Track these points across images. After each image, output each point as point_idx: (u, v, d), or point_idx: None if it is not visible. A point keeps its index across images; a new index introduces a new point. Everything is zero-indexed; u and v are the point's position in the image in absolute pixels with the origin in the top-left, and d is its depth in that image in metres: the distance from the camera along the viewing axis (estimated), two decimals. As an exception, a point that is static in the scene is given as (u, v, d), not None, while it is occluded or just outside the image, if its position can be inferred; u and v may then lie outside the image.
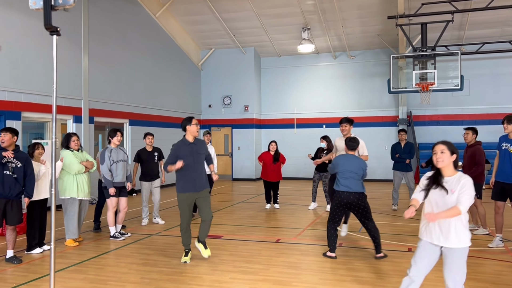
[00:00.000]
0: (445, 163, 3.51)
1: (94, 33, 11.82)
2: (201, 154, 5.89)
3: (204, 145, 6.04)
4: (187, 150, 5.73)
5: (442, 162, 3.51)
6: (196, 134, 5.87)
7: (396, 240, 7.03)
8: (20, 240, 6.82)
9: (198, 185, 5.77)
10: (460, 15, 13.61)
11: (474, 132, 7.58)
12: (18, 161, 5.83)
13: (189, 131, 5.83)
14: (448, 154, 3.50)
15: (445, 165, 3.53)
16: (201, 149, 5.91)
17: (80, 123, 11.28)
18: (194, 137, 5.87)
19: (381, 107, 16.64)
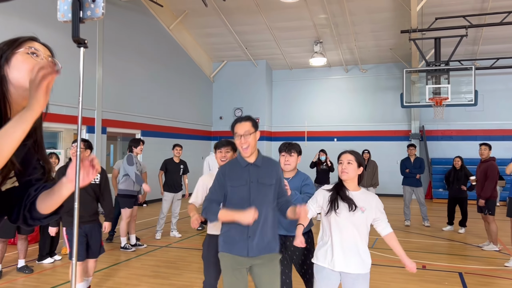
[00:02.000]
0: (350, 176, 3.11)
1: (109, 44, 11.95)
2: (267, 184, 3.05)
3: (274, 169, 3.15)
4: (240, 175, 3.07)
5: (347, 174, 3.10)
6: (244, 148, 3.09)
7: (409, 256, 6.83)
8: (32, 250, 6.82)
9: (255, 245, 3.00)
10: (474, 30, 13.54)
11: (490, 148, 7.59)
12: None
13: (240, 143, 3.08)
14: (355, 165, 3.11)
15: (350, 178, 3.12)
16: (267, 175, 3.08)
17: (92, 133, 11.34)
18: (255, 153, 3.11)
19: (394, 121, 16.54)
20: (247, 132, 3.01)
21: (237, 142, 3.05)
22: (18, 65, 1.35)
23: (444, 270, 6.18)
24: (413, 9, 11.78)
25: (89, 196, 4.48)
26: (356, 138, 16.57)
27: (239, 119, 3.11)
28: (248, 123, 3.07)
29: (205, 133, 17.56)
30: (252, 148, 3.05)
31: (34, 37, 1.43)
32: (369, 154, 10.69)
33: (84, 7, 1.44)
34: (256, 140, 3.09)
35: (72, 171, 1.51)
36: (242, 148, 3.06)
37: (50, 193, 1.50)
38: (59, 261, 6.40)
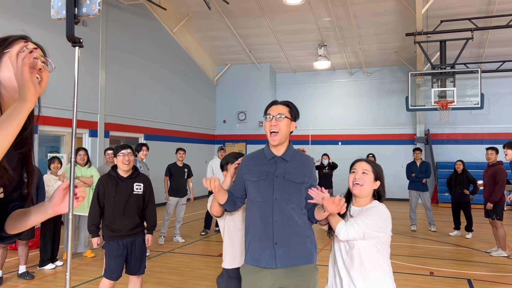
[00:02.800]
0: (364, 190, 2.48)
1: (112, 48, 11.91)
2: (295, 182, 2.60)
3: (308, 166, 2.69)
4: (262, 168, 2.65)
5: (360, 187, 2.48)
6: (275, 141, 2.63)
7: (416, 263, 6.78)
8: (33, 255, 6.74)
9: (283, 254, 2.54)
10: (480, 33, 13.43)
11: (497, 152, 7.49)
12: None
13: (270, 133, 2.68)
14: (371, 178, 2.51)
15: (363, 194, 2.50)
16: (298, 172, 2.63)
17: (95, 137, 11.28)
18: (285, 146, 2.69)
19: (398, 125, 16.41)
20: (281, 115, 2.59)
21: (266, 125, 2.62)
22: (9, 65, 1.26)
23: (452, 276, 6.06)
24: (418, 11, 11.69)
25: (130, 208, 4.00)
26: (360, 142, 16.46)
27: (276, 101, 2.73)
28: (285, 107, 2.66)
29: (209, 137, 17.49)
30: (282, 136, 2.58)
31: (25, 35, 1.35)
32: (374, 157, 10.59)
33: (79, 4, 1.34)
34: (289, 130, 2.63)
35: (58, 195, 1.44)
36: (270, 134, 2.58)
37: (25, 214, 1.42)
38: (60, 267, 6.32)
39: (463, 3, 12.37)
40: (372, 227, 2.39)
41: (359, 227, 2.39)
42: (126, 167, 4.01)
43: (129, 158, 4.01)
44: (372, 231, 2.40)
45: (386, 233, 2.46)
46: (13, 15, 9.08)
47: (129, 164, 4.01)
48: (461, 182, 8.97)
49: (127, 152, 4.02)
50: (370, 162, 2.61)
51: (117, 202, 3.97)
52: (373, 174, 2.53)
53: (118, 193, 3.98)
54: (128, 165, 4.00)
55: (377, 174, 2.54)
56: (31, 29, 9.49)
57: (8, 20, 8.92)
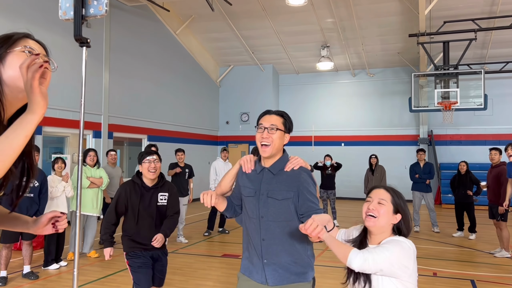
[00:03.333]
0: (380, 223, 2.07)
1: (115, 49, 11.96)
2: (277, 199, 2.43)
3: (295, 179, 2.46)
4: (252, 182, 2.53)
5: (375, 220, 2.07)
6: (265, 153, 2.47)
7: (419, 263, 6.72)
8: (37, 256, 6.77)
9: (272, 272, 2.44)
10: (483, 34, 13.41)
11: (501, 153, 7.52)
12: (35, 180, 5.76)
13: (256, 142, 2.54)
14: (390, 209, 2.09)
15: (378, 227, 2.09)
16: (282, 187, 2.45)
17: (99, 138, 11.33)
18: (276, 158, 2.52)
19: (401, 126, 16.39)
20: (274, 127, 2.42)
21: (257, 136, 2.44)
22: (13, 64, 1.28)
23: (455, 277, 6.06)
24: (421, 12, 11.68)
25: (156, 221, 3.67)
26: (363, 143, 16.45)
27: (269, 111, 2.53)
28: (279, 118, 2.47)
29: (212, 138, 17.52)
30: (274, 149, 2.42)
31: (28, 34, 1.36)
32: (377, 159, 10.59)
33: (86, 5, 1.36)
34: (282, 142, 2.47)
35: (43, 221, 1.50)
36: (260, 145, 2.42)
37: (15, 220, 1.48)
38: (64, 267, 6.35)
39: (466, 4, 12.35)
40: (390, 260, 1.98)
41: (377, 256, 1.98)
42: (152, 175, 3.63)
43: (155, 165, 3.62)
44: (390, 265, 1.98)
45: (409, 273, 2.02)
46: (17, 16, 9.13)
47: (156, 172, 3.63)
48: (464, 183, 8.96)
49: (153, 159, 3.61)
50: (390, 189, 2.17)
51: (142, 214, 3.63)
52: (391, 205, 2.09)
53: (142, 204, 3.63)
54: (154, 173, 3.62)
55: (397, 205, 2.11)
56: (35, 30, 9.55)
57: (12, 21, 8.98)
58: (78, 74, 10.34)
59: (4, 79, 1.28)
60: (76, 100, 10.37)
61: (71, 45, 10.00)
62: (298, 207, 2.39)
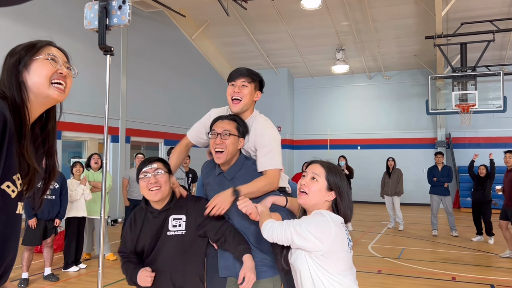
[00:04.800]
0: (311, 200, 1.95)
1: (133, 54, 12.12)
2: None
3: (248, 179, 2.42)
4: (212, 186, 2.60)
5: (306, 197, 1.96)
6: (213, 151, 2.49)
7: (438, 268, 6.70)
8: (57, 258, 6.89)
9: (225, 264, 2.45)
10: (502, 35, 13.22)
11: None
12: (55, 182, 5.87)
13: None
14: (323, 185, 1.95)
15: (309, 203, 1.97)
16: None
17: (117, 142, 11.48)
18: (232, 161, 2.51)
19: (419, 129, 16.23)
20: (227, 132, 2.41)
21: (211, 142, 2.44)
22: (38, 71, 1.35)
23: (475, 282, 5.97)
24: (438, 14, 11.57)
25: (168, 258, 2.38)
26: (380, 146, 16.33)
27: (221, 117, 2.55)
28: (231, 123, 2.47)
29: (227, 142, 17.57)
30: (228, 155, 2.39)
31: (51, 41, 1.43)
32: (394, 162, 10.50)
33: (110, 15, 1.41)
34: (236, 147, 2.43)
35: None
36: (214, 153, 2.40)
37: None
38: (84, 269, 6.44)
39: (484, 5, 12.20)
40: (301, 230, 1.88)
41: (288, 226, 1.93)
42: (155, 196, 2.32)
43: (157, 179, 2.32)
44: (300, 236, 1.88)
45: (322, 248, 1.87)
46: (37, 24, 9.33)
47: (160, 189, 2.32)
48: (482, 184, 8.88)
49: (152, 169, 2.34)
50: (325, 164, 2.02)
51: (147, 248, 2.40)
52: (325, 181, 1.95)
53: (145, 235, 2.41)
54: (157, 191, 2.31)
55: (331, 182, 1.95)
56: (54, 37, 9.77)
57: (32, 28, 9.18)
58: (96, 80, 10.52)
59: (29, 85, 1.34)
60: (94, 105, 10.55)
61: (89, 52, 10.19)
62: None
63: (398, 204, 10.27)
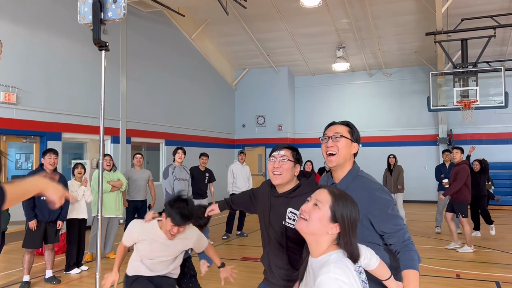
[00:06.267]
0: (308, 228, 1.73)
1: (132, 55, 12.08)
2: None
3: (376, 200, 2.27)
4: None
5: (304, 223, 1.75)
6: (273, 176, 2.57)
7: (442, 265, 6.65)
8: (58, 260, 6.85)
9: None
10: (502, 30, 13.14)
11: (462, 152, 7.84)
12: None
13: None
14: (325, 213, 1.72)
15: (307, 231, 1.75)
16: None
17: (117, 143, 11.44)
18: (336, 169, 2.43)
19: (420, 126, 16.17)
20: (338, 134, 2.38)
21: (323, 147, 2.43)
22: None
23: (479, 279, 5.92)
24: (438, 10, 11.51)
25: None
26: (381, 144, 16.27)
27: (334, 122, 2.54)
28: (344, 127, 2.45)
29: (228, 141, 17.55)
30: (340, 158, 2.35)
31: None
32: (395, 159, 10.45)
33: (105, 8, 1.36)
34: (349, 151, 2.38)
35: None
36: (326, 156, 2.39)
37: None
38: (85, 271, 6.40)
39: (484, 0, 12.13)
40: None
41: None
42: (275, 180, 2.57)
43: (280, 165, 2.54)
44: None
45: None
46: (36, 23, 9.29)
47: (281, 175, 2.55)
48: (477, 179, 8.95)
49: (279, 155, 2.57)
50: (336, 192, 1.79)
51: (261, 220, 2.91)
52: (329, 211, 1.73)
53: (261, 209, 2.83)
54: (278, 176, 2.55)
55: (338, 214, 1.73)
56: (54, 37, 9.71)
57: (31, 28, 9.14)
58: (96, 81, 10.48)
59: None
60: (94, 106, 10.51)
61: (89, 52, 10.15)
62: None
63: (401, 201, 10.22)
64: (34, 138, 9.28)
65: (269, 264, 2.64)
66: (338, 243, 1.72)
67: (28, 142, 9.32)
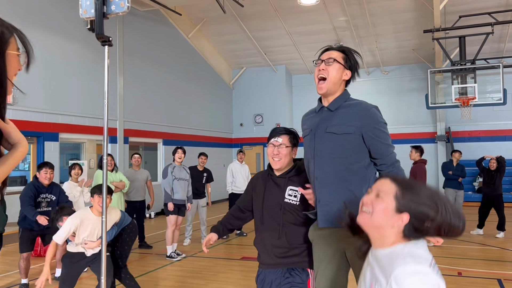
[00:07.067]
0: (372, 222, 1.59)
1: (129, 54, 12.01)
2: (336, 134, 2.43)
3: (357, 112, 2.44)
4: (308, 123, 2.69)
5: (367, 216, 1.61)
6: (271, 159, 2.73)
7: (443, 263, 6.62)
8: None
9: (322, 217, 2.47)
10: (500, 27, 13.15)
11: (417, 150, 7.92)
12: (52, 195, 5.75)
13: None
14: (390, 204, 1.57)
15: (371, 224, 1.61)
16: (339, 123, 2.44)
17: (115, 143, 11.37)
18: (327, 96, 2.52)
19: (418, 123, 16.16)
20: (331, 59, 2.42)
21: (315, 71, 2.48)
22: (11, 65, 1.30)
23: (481, 277, 5.90)
24: (436, 8, 11.49)
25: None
26: (379, 142, 16.24)
27: (330, 47, 2.54)
28: (338, 52, 2.47)
29: (226, 141, 17.50)
30: (330, 83, 2.43)
31: (14, 28, 1.30)
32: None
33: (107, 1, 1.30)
34: (340, 76, 2.45)
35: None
36: (317, 81, 2.46)
37: None
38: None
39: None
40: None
41: None
42: (275, 165, 2.74)
43: (279, 151, 2.72)
44: None
45: None
46: (34, 24, 9.21)
47: (280, 160, 2.73)
48: (492, 178, 8.83)
49: (277, 143, 2.72)
50: (400, 181, 1.66)
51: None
52: (394, 202, 1.57)
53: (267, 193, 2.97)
54: (278, 161, 2.73)
55: (405, 204, 1.57)
56: (52, 38, 9.63)
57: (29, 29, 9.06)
58: (93, 81, 10.41)
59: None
60: (91, 106, 10.44)
61: (87, 53, 10.09)
62: (369, 148, 2.36)
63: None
64: (31, 138, 9.20)
65: (264, 245, 2.75)
66: (406, 235, 1.58)
67: (25, 143, 9.25)
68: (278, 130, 2.70)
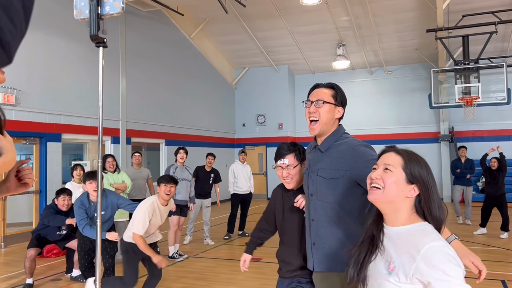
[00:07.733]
0: (385, 196, 1.58)
1: (131, 55, 12.01)
2: (325, 178, 2.36)
3: (345, 154, 2.41)
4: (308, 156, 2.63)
5: (379, 191, 1.57)
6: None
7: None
8: (59, 262, 6.79)
9: (317, 260, 2.40)
10: (504, 26, 13.08)
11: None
12: (65, 228, 5.96)
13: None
14: (400, 175, 1.58)
15: (385, 199, 1.56)
16: (328, 166, 2.39)
17: (118, 144, 11.38)
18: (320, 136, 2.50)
19: (422, 123, 16.11)
20: (321, 100, 2.39)
21: (306, 112, 2.48)
22: None
23: (484, 277, 5.84)
24: (439, 7, 11.44)
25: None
26: (383, 142, 16.19)
27: (318, 85, 2.55)
28: (329, 90, 2.47)
29: (229, 141, 17.49)
30: (322, 125, 2.41)
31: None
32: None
33: (102, 2, 1.28)
34: (332, 116, 2.44)
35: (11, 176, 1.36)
36: (309, 122, 2.44)
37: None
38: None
39: (485, -4, 12.06)
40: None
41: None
42: (289, 185, 2.77)
43: (289, 173, 2.72)
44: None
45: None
46: (35, 24, 9.22)
47: (292, 179, 2.74)
48: (495, 177, 8.79)
49: (284, 165, 2.71)
50: (405, 153, 1.66)
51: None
52: (403, 173, 1.58)
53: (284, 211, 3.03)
54: (290, 181, 2.76)
55: (413, 173, 1.58)
56: (53, 38, 9.64)
57: (30, 29, 9.07)
58: (96, 82, 10.40)
59: None
60: (94, 107, 10.43)
61: (89, 52, 10.09)
62: (361, 184, 2.18)
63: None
64: (34, 139, 9.21)
65: (282, 259, 2.80)
66: (418, 211, 1.56)
67: (28, 144, 9.25)
68: (282, 151, 2.67)
